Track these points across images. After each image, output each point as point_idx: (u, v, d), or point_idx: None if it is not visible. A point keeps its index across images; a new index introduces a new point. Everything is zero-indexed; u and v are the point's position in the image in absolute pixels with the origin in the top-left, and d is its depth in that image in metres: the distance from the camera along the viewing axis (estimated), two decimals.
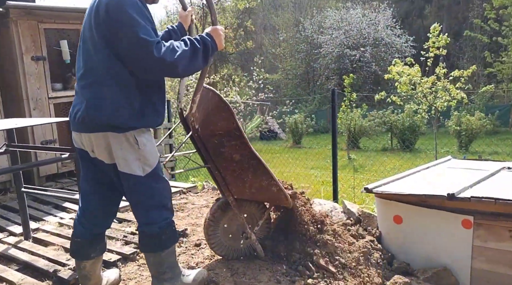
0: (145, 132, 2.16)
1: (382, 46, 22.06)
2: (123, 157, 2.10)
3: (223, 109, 2.35)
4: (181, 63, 1.97)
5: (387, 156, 10.33)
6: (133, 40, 1.90)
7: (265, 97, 15.98)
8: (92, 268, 2.38)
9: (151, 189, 2.19)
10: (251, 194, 2.56)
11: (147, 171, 2.15)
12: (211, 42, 2.14)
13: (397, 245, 3.07)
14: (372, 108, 16.10)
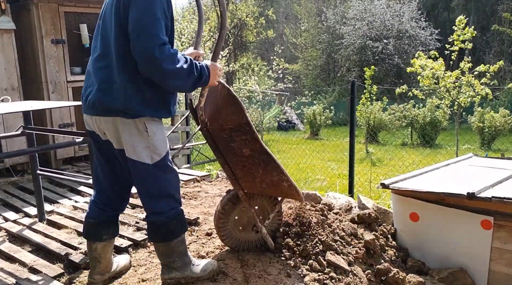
0: (156, 121, 2.14)
1: (405, 39, 21.60)
2: (131, 143, 2.09)
3: (232, 103, 2.28)
4: (173, 76, 1.93)
5: (406, 151, 10.15)
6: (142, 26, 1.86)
7: (284, 87, 15.86)
8: (103, 251, 2.38)
9: (158, 179, 2.18)
10: (262, 188, 2.51)
11: (155, 160, 2.13)
12: (206, 77, 2.09)
13: (413, 243, 3.00)
14: (392, 101, 15.82)
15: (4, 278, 2.48)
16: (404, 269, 2.80)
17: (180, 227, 2.29)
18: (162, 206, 2.21)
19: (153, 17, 1.87)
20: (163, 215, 2.21)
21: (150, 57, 1.87)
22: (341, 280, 2.47)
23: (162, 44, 1.88)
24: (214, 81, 2.17)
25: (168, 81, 1.97)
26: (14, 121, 4.40)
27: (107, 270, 2.43)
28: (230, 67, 12.85)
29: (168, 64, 1.89)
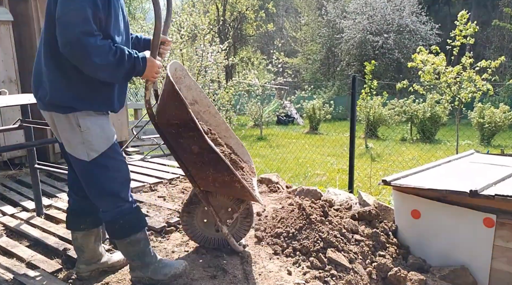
0: (92, 115, 2.06)
1: (406, 33, 21.52)
2: (66, 138, 2.07)
3: (175, 97, 2.15)
4: (98, 67, 1.87)
5: (405, 146, 10.12)
6: (65, 14, 1.80)
7: (283, 81, 15.79)
8: (85, 241, 2.37)
9: (97, 176, 2.10)
10: (216, 188, 2.41)
11: (92, 156, 2.06)
12: (140, 69, 2.02)
13: (414, 240, 2.97)
14: (392, 96, 15.78)
15: (2, 273, 2.45)
16: (405, 267, 2.78)
17: (128, 227, 2.20)
18: (106, 204, 2.17)
19: (78, 5, 1.79)
20: (107, 214, 2.17)
21: (73, 45, 1.81)
22: (342, 277, 2.45)
23: (86, 33, 1.80)
24: (150, 75, 2.09)
25: (95, 72, 1.91)
26: (12, 114, 4.35)
27: (93, 261, 2.41)
28: (229, 60, 12.76)
29: (93, 54, 1.82)
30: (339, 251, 2.65)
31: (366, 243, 2.85)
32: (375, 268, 2.65)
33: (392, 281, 2.56)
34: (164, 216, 3.28)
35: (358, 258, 2.70)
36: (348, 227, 2.92)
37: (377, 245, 2.89)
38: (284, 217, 2.99)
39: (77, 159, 2.08)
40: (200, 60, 11.33)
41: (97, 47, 1.83)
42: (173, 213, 3.33)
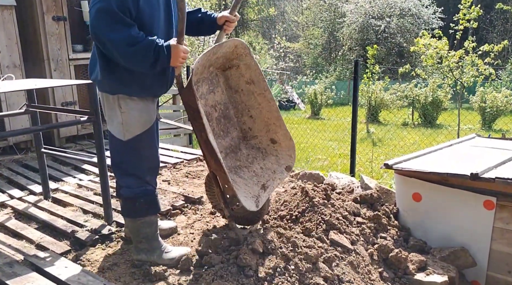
0: (133, 99, 2.20)
1: (408, 17, 21.34)
2: (109, 116, 2.24)
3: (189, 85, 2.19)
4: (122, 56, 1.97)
5: (407, 131, 10.14)
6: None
7: (285, 66, 15.75)
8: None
9: (129, 156, 2.25)
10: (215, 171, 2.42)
11: (127, 137, 2.21)
12: (166, 57, 2.03)
13: (415, 223, 3.03)
14: (394, 81, 15.74)
15: (12, 254, 2.52)
16: (406, 248, 2.84)
17: (147, 208, 2.33)
18: (131, 181, 2.29)
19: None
20: (130, 190, 2.29)
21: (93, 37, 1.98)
22: (344, 258, 2.50)
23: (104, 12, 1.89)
24: (176, 63, 2.09)
25: (121, 62, 2.02)
26: (17, 99, 4.38)
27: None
28: None
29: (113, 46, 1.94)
30: (341, 233, 2.70)
31: (368, 226, 2.90)
32: (376, 249, 2.71)
33: (393, 262, 2.62)
34: (169, 199, 3.34)
35: (360, 240, 2.75)
36: (350, 210, 2.97)
37: (378, 227, 2.95)
38: (287, 200, 3.04)
39: (114, 137, 2.26)
40: (202, 45, 11.29)
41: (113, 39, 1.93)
42: (177, 197, 3.38)
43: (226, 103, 2.65)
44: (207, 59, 2.35)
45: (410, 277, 2.54)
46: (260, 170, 2.63)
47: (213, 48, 2.28)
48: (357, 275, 2.45)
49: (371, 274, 2.53)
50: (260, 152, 2.71)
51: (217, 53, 2.39)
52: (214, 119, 2.56)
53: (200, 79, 2.47)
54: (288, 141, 2.68)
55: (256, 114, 2.68)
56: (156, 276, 2.29)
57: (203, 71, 2.44)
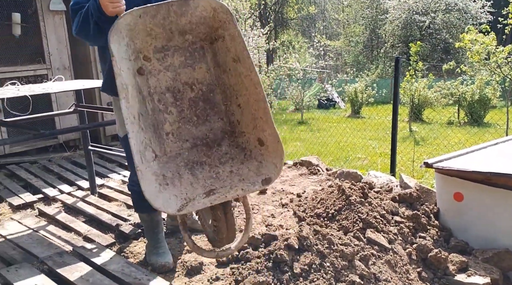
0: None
1: (455, 12, 20.54)
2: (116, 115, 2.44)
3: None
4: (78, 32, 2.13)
5: (452, 130, 9.80)
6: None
7: (325, 65, 15.61)
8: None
9: (127, 151, 2.42)
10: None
11: (124, 133, 2.24)
12: (96, 5, 1.97)
13: (456, 223, 2.95)
14: (439, 78, 15.23)
15: (62, 245, 2.68)
16: (446, 249, 2.77)
17: (135, 205, 2.55)
18: (130, 175, 2.50)
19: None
20: (129, 183, 2.51)
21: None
22: (381, 257, 2.48)
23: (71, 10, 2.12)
24: (108, 8, 1.93)
25: (83, 38, 2.19)
26: (66, 99, 4.63)
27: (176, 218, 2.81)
28: (270, 45, 12.74)
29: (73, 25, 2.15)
30: (379, 231, 2.68)
31: (406, 225, 2.86)
32: (415, 249, 2.66)
33: (432, 262, 2.57)
34: None
35: (398, 239, 2.72)
36: (388, 209, 2.94)
37: (417, 227, 2.89)
38: (323, 198, 3.05)
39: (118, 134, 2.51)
40: None
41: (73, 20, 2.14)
42: None
43: (211, 84, 2.13)
44: (167, 18, 1.98)
45: (450, 277, 2.48)
46: (226, 174, 2.00)
47: (171, 3, 1.94)
48: (394, 274, 2.42)
49: (409, 273, 2.50)
50: (243, 153, 2.07)
51: (186, 15, 2.00)
52: (186, 100, 2.08)
53: (168, 47, 2.07)
54: (276, 143, 1.97)
55: (243, 102, 2.06)
56: (195, 270, 2.37)
57: (170, 37, 2.04)
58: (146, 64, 2.00)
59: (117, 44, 1.84)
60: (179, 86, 2.06)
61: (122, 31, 1.89)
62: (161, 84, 2.02)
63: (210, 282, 2.27)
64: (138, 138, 1.79)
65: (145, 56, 2.01)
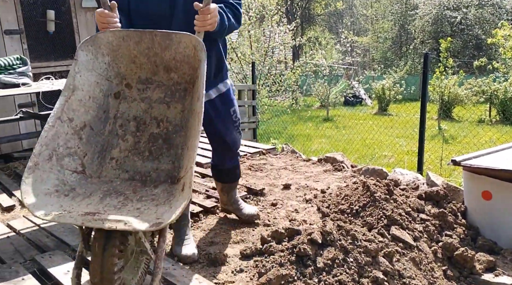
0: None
1: (488, 7, 19.93)
2: None
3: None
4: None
5: (482, 128, 9.55)
6: None
7: (352, 61, 15.44)
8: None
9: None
10: None
11: None
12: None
13: (484, 222, 2.89)
14: (471, 75, 14.83)
15: None
16: (473, 248, 2.73)
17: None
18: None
19: None
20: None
21: None
22: (406, 254, 2.47)
23: None
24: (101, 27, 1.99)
25: None
26: None
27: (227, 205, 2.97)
28: (296, 41, 12.70)
29: None
30: (404, 229, 2.66)
31: (432, 223, 2.82)
32: (441, 247, 2.63)
33: (458, 261, 2.54)
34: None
35: (423, 237, 2.69)
36: (413, 206, 2.91)
37: (444, 225, 2.86)
38: (348, 195, 3.04)
39: None
40: (268, 41, 11.41)
41: None
42: (240, 188, 3.50)
43: (178, 125, 2.02)
44: (151, 49, 1.98)
45: (476, 277, 2.45)
46: (129, 209, 1.68)
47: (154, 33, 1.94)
48: (419, 272, 2.41)
49: (434, 271, 2.47)
50: (168, 199, 1.76)
51: (170, 49, 1.98)
52: (148, 133, 2.01)
53: (153, 81, 2.07)
54: (188, 189, 1.60)
55: (190, 145, 1.79)
56: (219, 261, 2.42)
57: (155, 70, 2.05)
58: (125, 91, 2.04)
59: (90, 55, 1.91)
60: (147, 119, 2.03)
61: (102, 47, 1.95)
62: (131, 112, 2.02)
63: (234, 273, 2.31)
64: (51, 132, 1.77)
65: (128, 83, 2.05)
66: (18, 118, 2.99)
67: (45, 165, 1.71)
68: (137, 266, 1.86)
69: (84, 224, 1.54)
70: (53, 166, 1.73)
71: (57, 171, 1.74)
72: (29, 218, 3.00)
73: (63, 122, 1.79)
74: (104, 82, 1.97)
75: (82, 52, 1.90)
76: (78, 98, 1.86)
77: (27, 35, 4.32)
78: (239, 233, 2.78)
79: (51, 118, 1.77)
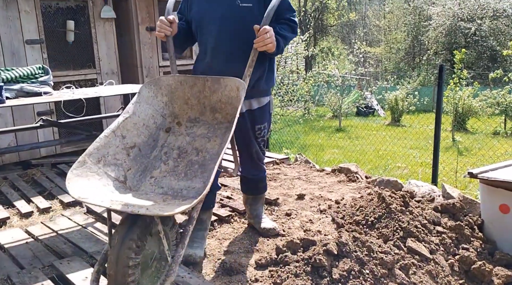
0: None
1: (503, 18, 19.79)
2: None
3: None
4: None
5: (498, 140, 9.44)
6: None
7: (364, 72, 15.43)
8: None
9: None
10: None
11: None
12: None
13: (501, 236, 2.86)
14: (485, 87, 14.70)
15: None
16: (490, 262, 2.69)
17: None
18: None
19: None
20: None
21: None
22: (422, 267, 2.45)
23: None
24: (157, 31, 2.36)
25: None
26: (114, 102, 4.84)
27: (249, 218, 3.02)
28: (309, 51, 12.75)
29: None
30: (420, 241, 2.64)
31: (449, 236, 2.80)
32: (457, 260, 2.60)
33: (475, 275, 2.51)
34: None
35: (440, 250, 2.67)
36: (429, 219, 2.89)
37: (460, 238, 2.83)
38: (363, 206, 3.04)
39: None
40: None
41: None
42: None
43: (215, 154, 2.19)
44: (202, 92, 2.24)
45: None
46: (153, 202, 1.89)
47: (206, 78, 2.24)
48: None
49: None
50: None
51: (217, 92, 2.23)
52: (187, 160, 2.18)
53: (200, 120, 2.30)
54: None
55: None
56: (234, 270, 2.42)
57: (203, 111, 2.28)
58: (175, 127, 2.30)
59: (151, 93, 2.22)
60: (189, 149, 2.23)
61: (162, 88, 2.26)
62: (176, 143, 2.25)
63: (249, 283, 2.32)
64: (104, 141, 1.96)
65: (179, 122, 2.31)
66: (38, 126, 3.05)
67: (93, 165, 1.87)
68: (158, 276, 1.90)
69: (111, 207, 1.66)
70: (99, 169, 1.89)
71: (101, 174, 1.90)
72: (47, 224, 3.04)
73: (116, 136, 2.01)
74: (159, 117, 2.25)
75: (145, 89, 2.20)
76: (134, 121, 2.11)
77: (47, 44, 4.42)
78: (253, 243, 2.79)
79: (107, 130, 1.99)
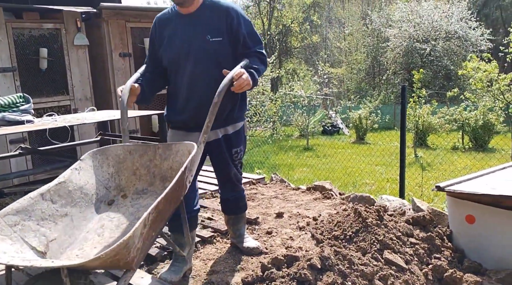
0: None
1: (455, 40, 21.00)
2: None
3: None
4: None
5: (457, 155, 9.94)
6: None
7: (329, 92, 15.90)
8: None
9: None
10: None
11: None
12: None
13: (469, 245, 3.06)
14: (442, 104, 15.46)
15: None
16: (460, 269, 2.88)
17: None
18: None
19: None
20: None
21: None
22: (399, 277, 2.60)
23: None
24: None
25: None
26: (87, 129, 4.83)
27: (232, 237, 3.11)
28: (275, 73, 13.07)
29: None
30: (395, 253, 2.80)
31: (422, 246, 2.97)
32: (431, 269, 2.77)
33: (448, 282, 2.68)
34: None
35: (414, 260, 2.83)
36: (403, 231, 3.06)
37: (432, 248, 3.01)
38: (340, 221, 3.18)
39: None
40: None
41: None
42: None
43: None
44: (152, 161, 2.08)
45: None
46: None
47: (157, 146, 2.09)
48: None
49: None
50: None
51: (168, 159, 2.09)
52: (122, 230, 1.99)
53: (147, 191, 2.13)
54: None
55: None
56: None
57: (152, 181, 2.12)
58: (119, 200, 2.10)
59: (96, 162, 2.02)
60: (131, 219, 2.05)
61: (109, 158, 2.06)
62: (117, 214, 2.05)
63: None
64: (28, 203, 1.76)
65: (125, 194, 2.11)
66: (18, 154, 3.04)
67: (6, 227, 1.64)
68: None
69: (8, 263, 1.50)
70: (14, 233, 1.66)
71: (16, 239, 1.65)
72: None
73: (44, 200, 1.79)
74: (102, 189, 2.04)
75: (90, 158, 2.00)
76: (69, 188, 1.90)
77: (19, 72, 4.40)
78: (238, 262, 2.86)
79: (34, 192, 1.77)
